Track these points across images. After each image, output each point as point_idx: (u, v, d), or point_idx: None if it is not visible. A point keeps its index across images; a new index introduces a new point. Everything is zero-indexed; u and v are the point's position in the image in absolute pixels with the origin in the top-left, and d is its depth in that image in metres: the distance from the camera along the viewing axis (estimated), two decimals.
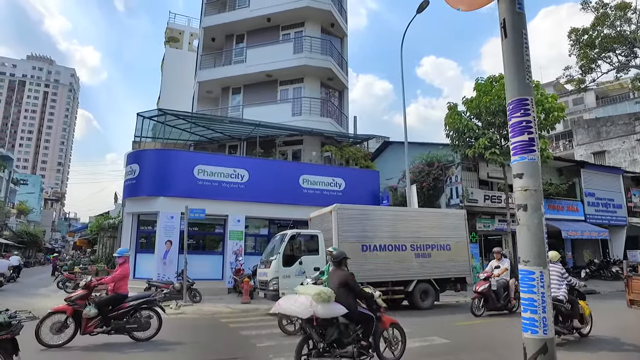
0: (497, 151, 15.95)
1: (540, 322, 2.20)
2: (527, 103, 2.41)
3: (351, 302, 5.46)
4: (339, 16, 22.90)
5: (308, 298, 5.11)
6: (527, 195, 2.33)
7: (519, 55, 2.47)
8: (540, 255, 2.28)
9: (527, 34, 2.55)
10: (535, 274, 2.26)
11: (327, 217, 11.97)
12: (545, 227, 2.36)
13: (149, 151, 17.61)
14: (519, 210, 2.35)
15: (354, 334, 5.39)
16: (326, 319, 5.11)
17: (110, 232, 24.21)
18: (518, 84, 2.45)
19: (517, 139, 2.37)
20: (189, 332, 8.68)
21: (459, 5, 2.91)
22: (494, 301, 10.47)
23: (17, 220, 57.80)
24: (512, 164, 2.41)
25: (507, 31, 2.55)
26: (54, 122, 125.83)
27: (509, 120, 2.47)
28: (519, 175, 2.36)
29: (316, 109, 21.01)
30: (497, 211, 19.79)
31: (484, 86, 16.49)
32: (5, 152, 57.41)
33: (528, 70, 2.47)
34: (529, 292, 2.25)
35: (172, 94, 29.15)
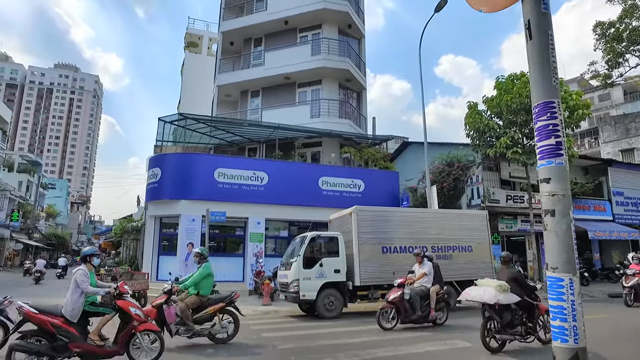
0: (519, 150, 15.63)
1: (570, 330, 2.14)
2: (554, 106, 2.35)
3: (519, 292, 6.82)
4: (356, 17, 22.84)
5: (493, 288, 6.60)
6: (554, 201, 2.27)
7: (544, 57, 2.41)
8: (569, 261, 2.22)
9: (552, 34, 2.49)
10: (564, 281, 2.19)
11: (346, 219, 11.94)
12: (574, 232, 2.30)
13: (171, 155, 17.91)
14: (546, 216, 2.29)
15: (520, 318, 6.89)
16: (504, 305, 6.61)
17: (134, 235, 24.69)
18: (544, 86, 2.39)
19: (543, 143, 2.31)
20: None
21: (481, 7, 2.86)
22: (408, 312, 8.90)
23: (46, 223, 59.60)
24: (539, 169, 2.34)
25: (532, 32, 2.49)
26: (79, 127, 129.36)
27: (534, 123, 2.41)
28: (546, 180, 2.30)
29: (334, 111, 21.01)
30: (519, 211, 19.38)
31: (505, 84, 16.20)
32: (34, 157, 59.33)
33: (554, 72, 2.41)
34: (558, 300, 2.19)
35: (192, 98, 29.57)
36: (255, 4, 23.52)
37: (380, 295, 11.43)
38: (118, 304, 5.84)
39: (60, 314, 5.54)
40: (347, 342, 7.63)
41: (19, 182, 47.66)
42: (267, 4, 22.57)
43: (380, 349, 7.00)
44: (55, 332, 5.36)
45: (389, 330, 8.81)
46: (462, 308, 12.49)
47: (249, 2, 23.89)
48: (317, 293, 10.78)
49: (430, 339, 7.82)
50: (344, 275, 11.16)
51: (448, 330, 8.89)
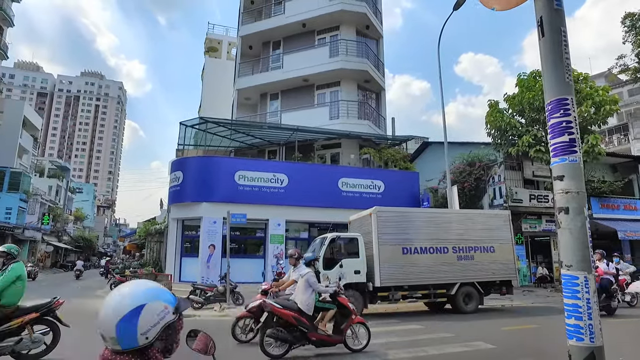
0: (543, 149, 15.32)
1: (586, 329, 2.11)
2: (567, 103, 2.33)
3: None
4: (373, 18, 22.81)
5: None
6: (568, 198, 2.24)
7: (557, 54, 2.39)
8: (584, 259, 2.19)
9: (566, 31, 2.47)
10: (579, 279, 2.17)
11: (366, 220, 11.93)
12: (589, 230, 2.27)
13: (192, 158, 18.25)
14: (560, 213, 2.27)
15: None
16: None
17: (157, 237, 25.24)
18: (557, 83, 2.37)
19: (557, 140, 2.29)
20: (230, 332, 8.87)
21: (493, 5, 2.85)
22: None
23: (74, 226, 61.51)
24: (552, 166, 2.32)
25: (545, 30, 2.47)
26: (104, 133, 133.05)
27: (547, 121, 2.39)
28: (560, 178, 2.27)
29: (353, 112, 21.02)
30: (544, 211, 18.96)
31: (527, 82, 15.92)
32: (63, 162, 61.37)
33: (567, 68, 2.38)
34: (572, 298, 2.16)
35: (212, 102, 30.06)
36: (274, 7, 23.77)
37: (401, 296, 11.39)
38: (339, 300, 6.89)
39: (297, 308, 6.55)
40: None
41: (49, 187, 49.40)
42: (285, 7, 22.78)
43: (402, 350, 6.98)
44: (296, 323, 6.40)
45: (244, 342, 7.54)
46: (483, 309, 12.31)
47: (267, 6, 24.15)
48: None
49: (452, 340, 7.75)
50: (364, 277, 11.15)
51: (470, 331, 8.78)
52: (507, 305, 13.31)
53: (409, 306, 13.03)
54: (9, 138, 36.92)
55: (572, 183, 2.22)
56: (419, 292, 11.59)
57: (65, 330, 6.45)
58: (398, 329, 9.15)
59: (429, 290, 11.53)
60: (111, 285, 19.73)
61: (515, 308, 12.96)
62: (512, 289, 12.72)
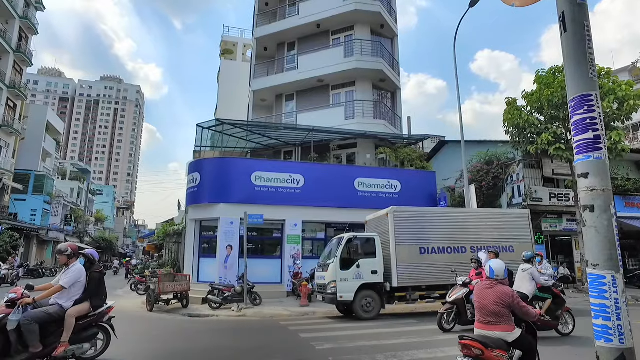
0: (563, 146, 15.01)
1: (614, 330, 2.07)
2: (591, 99, 2.28)
3: None
4: (388, 17, 22.69)
5: None
6: (594, 196, 2.20)
7: (580, 50, 2.35)
8: (611, 258, 2.15)
9: (589, 26, 2.42)
10: (606, 279, 2.13)
11: (383, 220, 11.88)
12: (616, 228, 2.22)
13: (209, 160, 18.44)
14: (585, 212, 2.23)
15: None
16: None
17: (175, 238, 25.60)
18: (580, 79, 2.33)
19: (580, 137, 2.25)
20: (250, 334, 8.98)
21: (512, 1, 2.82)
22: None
23: (95, 227, 62.83)
24: (576, 163, 2.28)
25: (567, 25, 2.43)
26: (123, 136, 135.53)
27: (571, 117, 2.35)
28: (584, 175, 2.23)
29: (369, 112, 20.94)
30: (564, 210, 18.57)
31: (546, 78, 15.62)
32: (84, 165, 62.78)
33: (591, 64, 2.34)
34: (599, 298, 2.12)
35: (228, 103, 30.33)
36: (288, 9, 23.86)
37: (419, 296, 11.30)
38: (554, 291, 8.05)
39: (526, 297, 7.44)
40: (386, 343, 7.60)
41: (70, 189, 50.59)
42: (300, 8, 22.84)
43: (420, 350, 6.93)
44: None
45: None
46: None
47: (281, 8, 24.26)
48: (355, 294, 10.79)
49: None
50: (381, 277, 11.12)
51: None
52: None
53: (426, 306, 12.92)
54: (34, 142, 38.00)
55: (597, 180, 2.18)
56: (436, 292, 11.51)
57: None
58: (416, 330, 9.09)
59: (446, 291, 11.40)
60: (131, 286, 20.12)
61: None
62: None
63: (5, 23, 31.44)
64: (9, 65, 31.44)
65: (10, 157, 32.00)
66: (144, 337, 8.52)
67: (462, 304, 8.74)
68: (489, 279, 4.27)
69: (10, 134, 31.83)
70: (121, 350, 7.24)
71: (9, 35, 31.56)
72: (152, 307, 12.79)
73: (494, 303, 4.03)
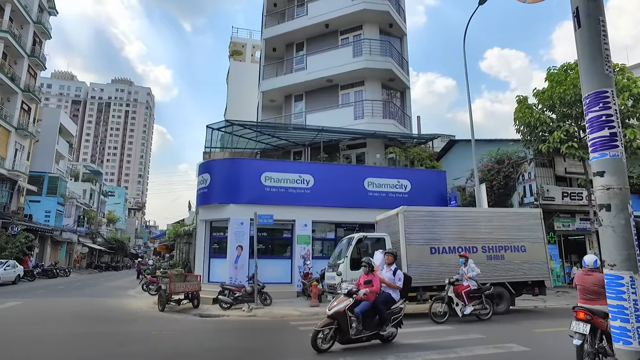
0: (576, 144, 14.79)
1: (634, 332, 2.01)
2: (607, 95, 2.23)
3: None
4: (397, 16, 22.60)
5: None
6: (610, 195, 2.14)
7: (595, 45, 2.29)
8: (629, 258, 2.09)
9: (605, 21, 2.36)
10: (624, 279, 2.07)
11: (393, 219, 11.82)
12: (633, 227, 2.16)
13: (219, 161, 18.53)
14: (601, 211, 2.17)
15: None
16: None
17: (186, 239, 25.80)
18: (595, 75, 2.27)
19: (596, 135, 2.20)
20: (260, 334, 8.99)
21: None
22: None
23: (107, 228, 63.55)
24: (591, 162, 2.23)
25: (581, 20, 2.38)
26: (134, 137, 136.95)
27: (585, 115, 2.30)
28: (600, 174, 2.18)
29: (378, 111, 20.87)
30: (577, 209, 18.31)
31: (557, 75, 15.40)
32: (96, 167, 63.55)
33: (607, 60, 2.28)
34: (617, 299, 2.07)
35: (237, 104, 30.46)
36: (296, 9, 23.89)
37: (429, 296, 11.22)
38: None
39: None
40: (396, 343, 7.55)
41: (83, 191, 51.27)
42: (308, 8, 22.86)
43: (432, 351, 6.86)
44: None
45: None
46: (515, 311, 12.00)
47: (290, 8, 24.30)
48: None
49: (483, 342, 7.58)
50: None
51: (502, 333, 8.57)
52: (540, 307, 12.93)
53: None
54: (47, 144, 38.62)
55: (614, 179, 2.12)
56: None
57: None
58: (427, 330, 9.02)
59: None
60: (143, 286, 20.30)
61: (549, 310, 12.57)
62: (545, 289, 12.35)
63: (20, 28, 31.97)
64: (23, 69, 31.96)
65: (25, 159, 32.52)
66: (155, 337, 8.59)
67: (343, 319, 6.80)
68: (585, 268, 5.88)
69: (25, 136, 32.35)
70: (133, 349, 7.30)
71: (24, 40, 32.09)
72: (163, 307, 12.89)
73: (594, 285, 5.53)
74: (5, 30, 29.08)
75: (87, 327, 10.10)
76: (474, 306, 9.99)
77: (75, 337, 8.76)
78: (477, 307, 10.07)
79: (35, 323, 10.36)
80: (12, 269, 23.44)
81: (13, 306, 13.65)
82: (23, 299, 15.74)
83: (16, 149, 31.22)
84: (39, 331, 9.28)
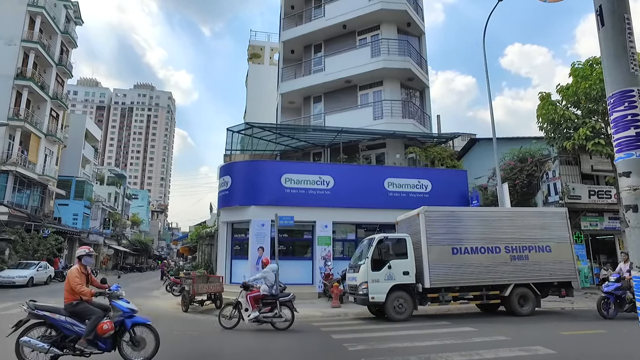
0: (603, 141, 14.39)
1: None
2: (632, 95, 2.19)
3: None
4: (414, 14, 22.44)
5: None
6: (637, 195, 2.11)
7: (620, 43, 2.26)
8: None
9: (630, 18, 2.32)
10: None
11: (414, 220, 11.75)
12: None
13: (239, 163, 18.76)
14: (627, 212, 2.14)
15: None
16: None
17: (208, 240, 26.14)
18: (620, 74, 2.24)
19: (621, 135, 2.17)
20: (282, 334, 9.07)
21: None
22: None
23: (131, 230, 65.00)
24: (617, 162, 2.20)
25: (605, 18, 2.35)
26: (156, 141, 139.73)
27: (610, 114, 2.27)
28: (626, 174, 2.15)
29: (397, 111, 20.76)
30: (606, 208, 17.80)
31: (582, 70, 15.04)
32: (120, 171, 65.16)
33: (633, 58, 2.25)
34: None
35: (257, 107, 30.74)
36: (314, 11, 23.99)
37: (452, 297, 11.11)
38: None
39: None
40: (419, 345, 7.52)
41: (108, 194, 52.62)
42: (325, 10, 22.92)
43: (454, 353, 6.81)
44: None
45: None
46: (541, 312, 11.76)
47: (307, 10, 24.42)
48: (387, 295, 10.72)
49: (508, 344, 7.47)
50: (413, 277, 11.00)
51: (527, 335, 8.42)
52: (567, 308, 12.64)
53: (460, 308, 12.69)
54: (74, 150, 39.86)
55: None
56: (470, 293, 11.29)
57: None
58: (450, 332, 8.94)
59: (481, 292, 11.20)
60: (167, 287, 20.71)
61: (577, 311, 12.27)
62: (572, 290, 12.04)
63: (49, 38, 33.12)
64: (52, 77, 33.08)
65: (54, 164, 33.61)
66: (180, 337, 8.76)
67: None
68: None
69: (54, 142, 33.44)
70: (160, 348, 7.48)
71: (52, 50, 33.21)
72: (187, 307, 13.14)
73: None
74: (36, 41, 30.18)
75: None
76: (261, 312, 9.44)
77: None
78: (268, 314, 9.45)
79: None
80: (44, 270, 24.32)
81: None
82: (54, 299, 16.26)
83: (46, 154, 32.29)
84: None
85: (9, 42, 28.96)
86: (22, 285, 21.79)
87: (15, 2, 29.81)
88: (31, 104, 30.72)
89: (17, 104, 28.68)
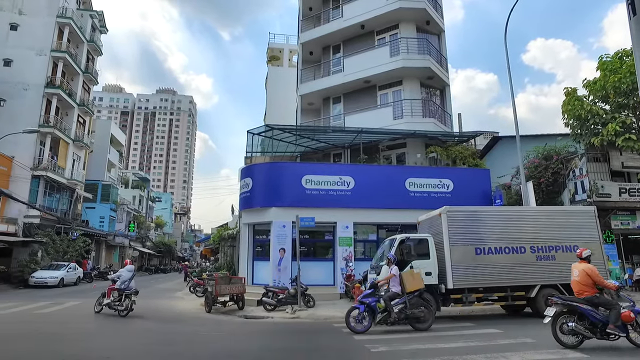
0: (634, 137, 13.90)
1: None
2: None
3: None
4: (433, 12, 22.19)
5: None
6: None
7: None
8: None
9: None
10: None
11: (436, 220, 11.60)
12: None
13: (260, 165, 18.91)
14: None
15: None
16: None
17: (230, 242, 26.45)
18: None
19: None
20: (304, 335, 9.09)
21: None
22: None
23: (155, 232, 66.34)
24: None
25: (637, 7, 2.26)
26: (178, 145, 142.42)
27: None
28: None
29: (417, 110, 20.55)
30: (638, 206, 17.15)
31: (611, 64, 14.58)
32: (144, 174, 66.65)
33: None
34: None
35: (276, 109, 30.95)
36: (332, 12, 24.00)
37: (476, 298, 10.90)
38: None
39: None
40: (442, 346, 7.41)
41: (132, 197, 53.85)
42: (343, 10, 22.90)
43: (479, 355, 6.68)
44: None
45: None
46: None
47: (325, 12, 24.46)
48: None
49: (535, 347, 7.27)
50: (435, 278, 10.85)
51: None
52: None
53: (484, 309, 12.46)
54: (100, 154, 41.04)
55: None
56: (494, 294, 11.05)
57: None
58: (475, 333, 8.78)
59: (505, 293, 10.95)
60: (190, 288, 21.04)
61: None
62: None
63: (75, 47, 34.21)
64: (79, 85, 34.13)
65: (81, 169, 34.63)
66: (203, 337, 8.90)
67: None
68: None
69: (81, 147, 34.46)
70: (182, 348, 7.60)
71: (79, 58, 34.28)
72: (210, 308, 13.31)
73: None
74: (64, 51, 31.19)
75: (139, 325, 10.62)
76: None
77: (128, 334, 9.24)
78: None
79: (90, 322, 11.01)
80: (73, 271, 25.14)
81: (70, 306, 14.57)
82: (82, 299, 16.76)
83: (74, 159, 33.29)
84: (100, 329, 9.86)
85: (40, 52, 30.05)
86: (54, 285, 22.56)
87: (45, 14, 30.89)
88: (60, 111, 31.72)
89: (47, 111, 29.67)
